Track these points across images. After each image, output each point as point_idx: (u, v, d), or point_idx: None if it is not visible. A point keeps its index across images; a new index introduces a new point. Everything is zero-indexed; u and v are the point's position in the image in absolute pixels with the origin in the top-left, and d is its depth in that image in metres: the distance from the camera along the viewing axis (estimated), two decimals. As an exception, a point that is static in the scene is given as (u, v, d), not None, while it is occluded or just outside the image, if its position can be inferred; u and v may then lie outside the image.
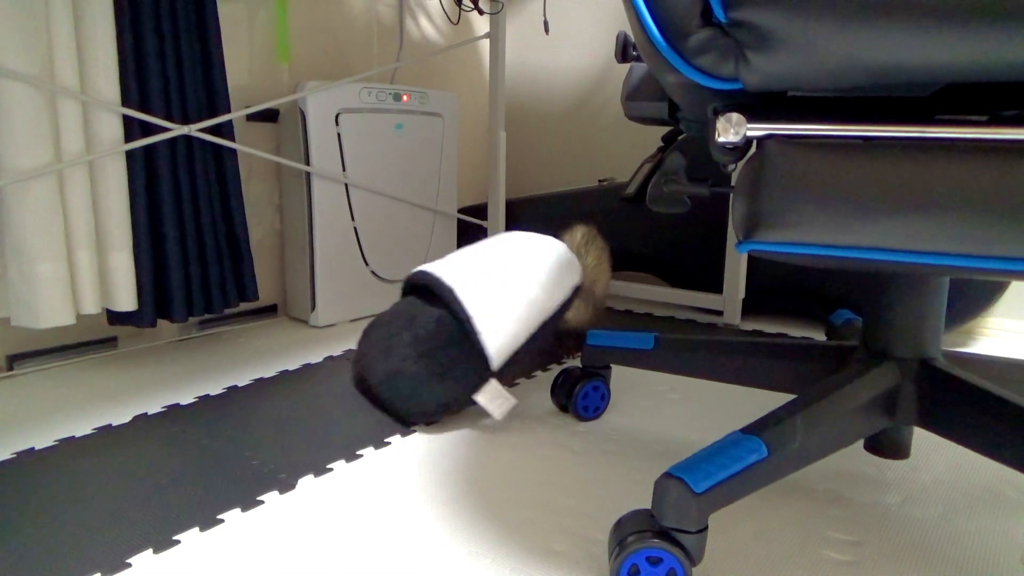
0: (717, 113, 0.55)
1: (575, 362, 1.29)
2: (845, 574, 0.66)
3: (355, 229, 1.56)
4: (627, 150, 2.05)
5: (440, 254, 1.78)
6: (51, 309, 1.10)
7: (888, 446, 0.88)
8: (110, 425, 0.98)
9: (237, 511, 0.75)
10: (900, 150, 0.52)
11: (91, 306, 1.15)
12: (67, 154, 1.11)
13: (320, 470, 0.85)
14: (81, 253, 1.14)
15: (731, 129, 0.54)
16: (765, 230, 0.53)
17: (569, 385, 1.01)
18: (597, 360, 1.01)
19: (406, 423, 0.98)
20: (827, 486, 0.82)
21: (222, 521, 0.73)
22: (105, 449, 0.90)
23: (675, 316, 1.64)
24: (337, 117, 1.48)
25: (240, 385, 1.15)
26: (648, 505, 0.62)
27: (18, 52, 1.03)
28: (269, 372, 1.21)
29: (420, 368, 0.92)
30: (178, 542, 0.69)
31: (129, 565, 0.66)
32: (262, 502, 0.77)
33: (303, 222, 1.50)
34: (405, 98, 1.62)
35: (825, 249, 0.53)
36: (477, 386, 0.93)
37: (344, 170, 1.51)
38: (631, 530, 0.60)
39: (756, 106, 0.56)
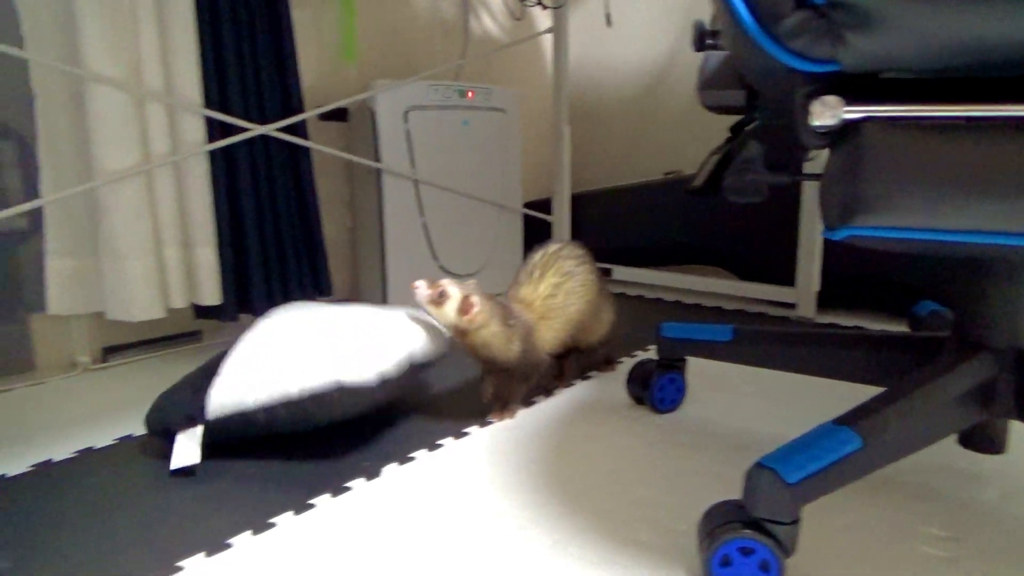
0: (811, 97, 0.54)
1: (650, 354, 1.28)
2: (943, 570, 0.64)
3: (424, 225, 1.58)
4: (692, 142, 2.02)
5: (506, 249, 1.79)
6: (143, 303, 1.15)
7: (982, 440, 0.85)
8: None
9: (327, 496, 0.78)
10: (1004, 130, 0.51)
11: (179, 300, 1.20)
12: (155, 155, 1.16)
13: (403, 459, 0.87)
14: (168, 250, 1.19)
15: (827, 112, 0.53)
16: (865, 215, 0.51)
17: (645, 377, 1.01)
18: (673, 352, 1.00)
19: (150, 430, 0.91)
20: (917, 480, 0.79)
21: (313, 506, 0.76)
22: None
23: (745, 310, 1.61)
24: (406, 114, 1.51)
25: (318, 377, 1.18)
26: (730, 497, 0.62)
27: (108, 58, 1.08)
28: (345, 364, 1.24)
29: (175, 386, 0.94)
30: (274, 524, 0.72)
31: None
32: (349, 488, 0.79)
33: (374, 218, 1.53)
34: (470, 95, 1.63)
35: (927, 233, 0.52)
36: (186, 425, 0.86)
37: (413, 166, 1.53)
38: (721, 520, 0.60)
39: (849, 88, 0.54)
